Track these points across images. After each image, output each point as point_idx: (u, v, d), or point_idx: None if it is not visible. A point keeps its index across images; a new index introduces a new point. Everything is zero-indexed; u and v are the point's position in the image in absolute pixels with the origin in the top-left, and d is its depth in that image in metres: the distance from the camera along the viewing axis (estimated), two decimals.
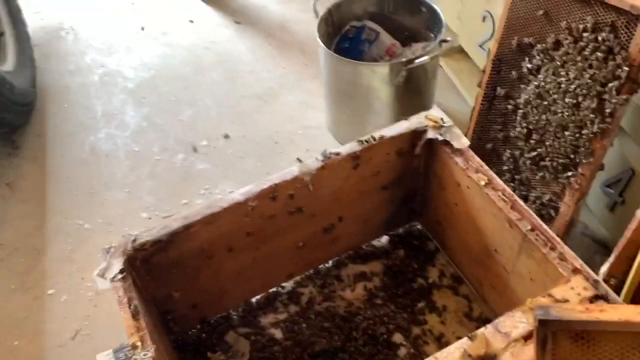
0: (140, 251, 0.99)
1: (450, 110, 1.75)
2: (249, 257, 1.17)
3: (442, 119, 1.14)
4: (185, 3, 2.25)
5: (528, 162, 1.28)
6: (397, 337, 1.22)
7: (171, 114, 1.82)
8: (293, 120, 1.77)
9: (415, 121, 1.15)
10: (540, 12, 1.15)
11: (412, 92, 1.54)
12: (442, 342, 1.21)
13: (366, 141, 1.12)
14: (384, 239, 1.39)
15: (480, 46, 1.69)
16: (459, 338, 1.18)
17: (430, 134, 1.13)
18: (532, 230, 0.98)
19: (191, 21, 2.17)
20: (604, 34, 1.04)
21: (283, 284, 1.31)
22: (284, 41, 2.05)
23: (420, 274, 1.32)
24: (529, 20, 1.19)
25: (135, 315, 0.90)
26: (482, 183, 1.05)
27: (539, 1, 1.15)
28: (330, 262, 1.35)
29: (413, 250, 1.37)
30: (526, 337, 0.84)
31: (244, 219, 1.08)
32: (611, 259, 1.04)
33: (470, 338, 0.84)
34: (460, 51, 1.87)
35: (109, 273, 0.95)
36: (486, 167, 1.07)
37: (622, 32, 1.02)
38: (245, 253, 1.15)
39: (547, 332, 0.70)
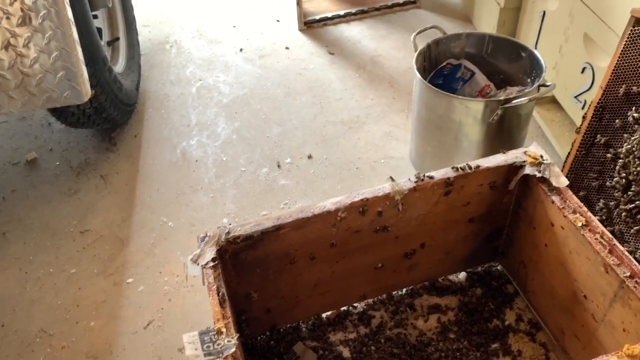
0: (231, 244, 1.02)
1: None
2: (328, 269, 1.18)
3: (541, 156, 1.13)
4: (283, 31, 2.35)
5: (623, 214, 1.23)
6: None
7: (260, 130, 1.89)
8: (376, 149, 1.80)
9: (512, 155, 1.15)
10: None
11: (503, 134, 1.53)
12: None
13: (461, 169, 1.12)
14: (462, 275, 1.37)
15: (575, 97, 1.68)
16: None
17: (528, 170, 1.12)
18: (631, 277, 0.94)
19: (287, 48, 2.27)
20: None
21: (355, 304, 1.31)
22: (374, 74, 2.10)
23: (496, 315, 1.29)
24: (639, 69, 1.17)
25: (222, 303, 0.92)
26: (580, 224, 1.02)
27: None
28: (404, 290, 1.33)
29: (491, 291, 1.33)
30: None
31: (331, 229, 1.10)
32: None
33: None
34: (553, 101, 1.86)
35: (201, 259, 0.98)
36: (585, 208, 1.04)
37: None
38: (325, 264, 1.16)
39: None
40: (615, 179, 1.24)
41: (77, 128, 1.76)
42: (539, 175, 1.11)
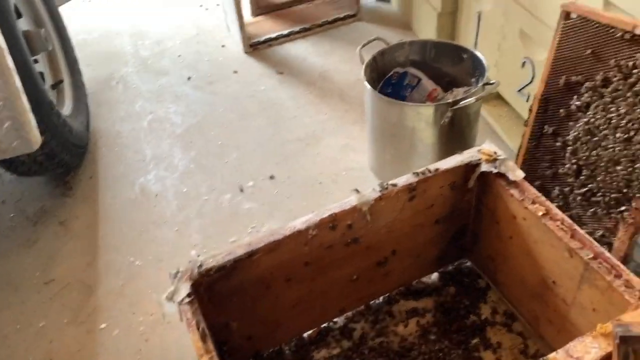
0: (204, 276, 1.02)
1: None
2: (305, 288, 1.18)
3: (495, 152, 1.17)
4: (229, 55, 2.36)
5: (578, 198, 1.29)
6: None
7: (218, 157, 1.89)
8: (336, 162, 1.82)
9: (468, 155, 1.19)
10: (588, 51, 1.20)
11: (455, 134, 1.58)
12: None
13: (422, 173, 1.15)
14: (434, 276, 1.40)
15: (519, 91, 1.75)
16: None
17: (484, 167, 1.16)
18: (594, 258, 0.98)
19: (235, 72, 2.28)
20: None
21: (335, 319, 1.31)
22: (325, 89, 2.13)
23: (472, 310, 1.32)
24: (576, 59, 1.23)
25: (203, 337, 0.91)
26: (540, 214, 1.06)
27: (587, 41, 1.20)
28: (381, 298, 1.35)
29: (464, 288, 1.36)
30: None
31: (303, 248, 1.10)
32: None
33: None
34: (498, 97, 1.92)
35: (176, 296, 0.97)
36: (543, 198, 1.08)
37: None
38: (302, 284, 1.17)
39: (628, 349, 0.70)
40: (566, 165, 1.30)
41: (29, 176, 1.71)
42: (495, 171, 1.15)
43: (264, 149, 1.90)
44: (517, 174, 1.13)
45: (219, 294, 1.06)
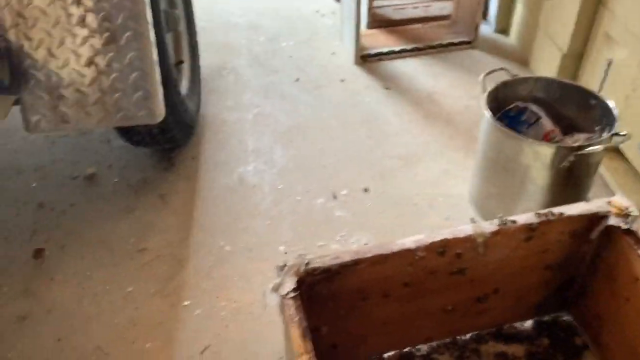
0: (309, 275, 1.01)
1: None
2: (399, 308, 1.15)
3: (627, 208, 1.10)
4: (338, 63, 2.38)
5: None
6: None
7: (316, 160, 1.89)
8: (434, 186, 1.78)
9: (596, 204, 1.12)
10: None
11: (571, 181, 1.50)
12: None
13: (545, 215, 1.10)
14: (529, 323, 1.33)
15: None
16: None
17: (612, 221, 1.09)
18: None
19: (342, 80, 2.29)
20: None
21: (419, 346, 1.27)
22: (431, 111, 2.10)
23: None
24: None
25: (304, 335, 0.90)
26: None
27: None
28: (470, 335, 1.30)
29: (559, 342, 1.29)
30: None
31: (407, 268, 1.08)
32: None
33: None
34: (615, 150, 1.82)
35: (282, 289, 0.96)
36: None
37: None
38: (397, 303, 1.14)
39: None
40: None
41: (139, 147, 1.78)
42: (625, 227, 1.08)
43: (362, 160, 1.89)
44: None
45: (317, 296, 1.05)
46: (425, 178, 1.81)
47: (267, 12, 2.75)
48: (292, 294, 0.96)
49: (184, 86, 1.92)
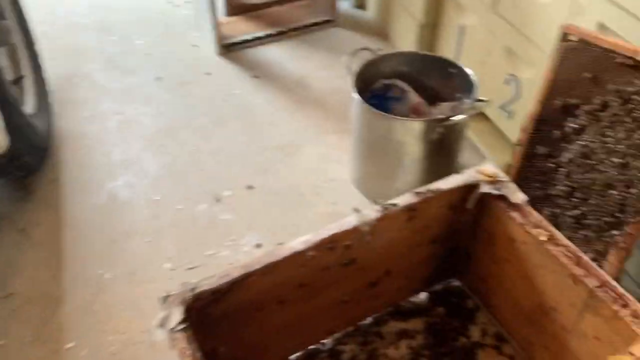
0: (198, 300, 0.94)
1: None
2: (296, 310, 1.12)
3: (496, 174, 1.15)
4: (201, 56, 2.26)
5: (569, 220, 1.29)
6: None
7: (191, 163, 1.80)
8: (317, 173, 1.77)
9: (468, 175, 1.16)
10: (587, 75, 1.20)
11: (442, 150, 1.56)
12: None
13: (423, 193, 1.11)
14: (423, 295, 1.36)
15: (501, 108, 1.74)
16: None
17: (485, 188, 1.14)
18: (600, 286, 0.97)
19: (208, 73, 2.19)
20: None
21: (323, 341, 1.26)
22: (303, 96, 2.08)
23: (462, 332, 1.29)
24: (574, 82, 1.23)
25: None
26: (543, 239, 1.05)
27: (586, 65, 1.20)
28: (370, 318, 1.31)
29: (453, 308, 1.34)
30: None
31: (299, 270, 1.05)
32: None
33: None
34: (479, 113, 1.92)
35: (168, 323, 0.89)
36: (546, 222, 1.07)
37: None
38: (294, 306, 1.11)
39: None
40: (559, 187, 1.30)
41: None
42: (496, 193, 1.13)
43: (241, 156, 1.82)
44: (519, 197, 1.11)
45: (210, 318, 0.99)
46: (306, 166, 1.79)
47: (116, 9, 2.55)
48: (180, 327, 0.89)
49: (29, 104, 1.71)
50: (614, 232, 1.20)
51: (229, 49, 2.30)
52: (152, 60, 2.24)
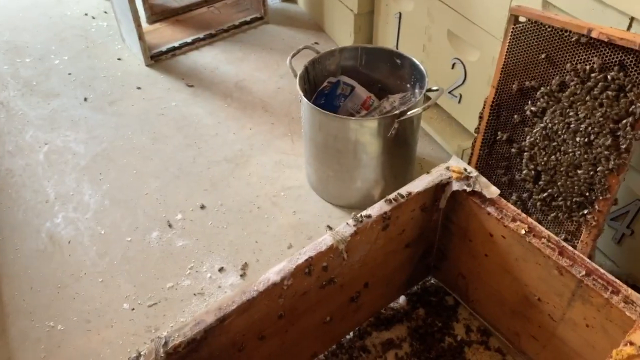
0: (172, 355, 0.85)
1: (428, 158, 1.75)
2: (277, 342, 1.05)
3: (465, 169, 1.10)
4: (129, 70, 2.11)
5: (538, 203, 1.27)
6: None
7: (135, 188, 1.67)
8: (272, 182, 1.68)
9: (437, 174, 1.11)
10: (542, 56, 1.17)
11: (400, 144, 1.51)
12: None
13: (394, 199, 1.06)
14: (401, 299, 1.32)
15: (450, 92, 1.72)
16: None
17: (456, 186, 1.10)
18: (587, 275, 0.95)
19: (139, 88, 2.04)
20: (612, 73, 1.06)
21: None
22: (244, 101, 1.98)
23: (446, 331, 1.26)
24: (529, 64, 1.20)
25: None
26: (523, 232, 1.02)
27: (539, 46, 1.17)
28: (351, 333, 1.25)
29: (433, 308, 1.30)
30: None
31: (277, 301, 0.97)
32: None
33: None
34: (427, 99, 1.89)
35: None
36: (524, 215, 1.04)
37: (632, 69, 1.05)
38: (275, 338, 1.03)
39: None
40: (524, 171, 1.27)
41: None
42: (468, 189, 1.09)
43: (188, 174, 1.71)
44: (492, 191, 1.07)
45: None
46: (260, 176, 1.70)
47: (26, 26, 2.34)
48: None
49: None
50: (584, 211, 1.19)
51: (157, 58, 2.16)
52: (75, 80, 2.07)
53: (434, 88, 1.46)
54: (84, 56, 2.18)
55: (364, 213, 1.03)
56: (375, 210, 1.04)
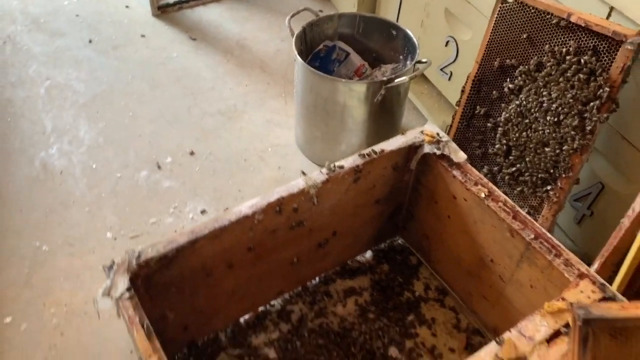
0: (143, 268, 0.92)
1: None
2: (245, 274, 1.13)
3: (438, 134, 1.17)
4: (135, 17, 2.16)
5: (507, 177, 1.34)
6: (393, 351, 1.21)
7: (129, 129, 1.73)
8: (261, 138, 1.75)
9: (411, 136, 1.18)
10: (524, 36, 1.23)
11: (386, 112, 1.57)
12: (435, 354, 1.22)
13: (368, 155, 1.12)
14: (368, 254, 1.40)
15: (441, 70, 1.78)
16: (451, 349, 1.22)
17: (427, 149, 1.16)
18: (535, 238, 1.02)
19: (143, 36, 2.10)
20: (586, 57, 1.13)
21: (272, 302, 1.27)
22: (244, 59, 2.03)
23: (406, 287, 1.34)
24: (511, 43, 1.26)
25: (149, 336, 0.83)
26: (483, 195, 1.09)
27: (522, 26, 1.23)
28: (318, 278, 1.33)
29: (397, 265, 1.38)
30: (548, 340, 0.87)
31: (248, 233, 1.04)
32: (596, 266, 1.11)
33: (499, 342, 0.85)
34: (420, 76, 1.94)
35: (114, 291, 0.87)
36: (485, 180, 1.11)
37: (604, 55, 1.11)
38: (243, 270, 1.11)
39: (589, 330, 0.73)
40: (496, 146, 1.34)
41: None
42: (438, 152, 1.15)
43: (182, 122, 1.78)
44: (460, 156, 1.14)
45: (156, 285, 0.97)
46: (250, 131, 1.77)
47: None
48: (126, 295, 0.87)
49: None
50: (548, 187, 1.26)
51: (164, 9, 2.21)
52: (82, 21, 2.12)
53: (423, 60, 1.52)
54: (93, 0, 2.23)
55: (337, 163, 1.10)
56: (349, 162, 1.11)
